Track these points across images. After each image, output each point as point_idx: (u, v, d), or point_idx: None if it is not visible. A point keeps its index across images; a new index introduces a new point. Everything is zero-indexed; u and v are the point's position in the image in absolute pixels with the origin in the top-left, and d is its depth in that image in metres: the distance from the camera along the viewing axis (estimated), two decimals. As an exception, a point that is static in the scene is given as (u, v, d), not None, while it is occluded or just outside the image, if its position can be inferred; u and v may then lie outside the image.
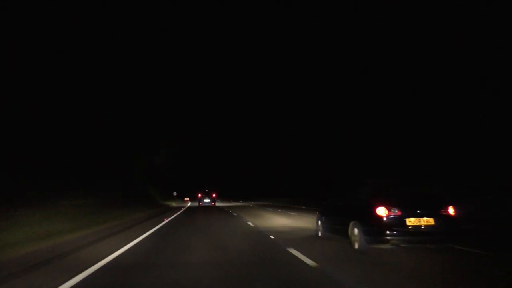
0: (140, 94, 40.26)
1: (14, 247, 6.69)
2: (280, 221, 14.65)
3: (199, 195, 40.99)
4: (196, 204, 42.55)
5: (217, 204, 41.50)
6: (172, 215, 19.90)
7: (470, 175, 26.47)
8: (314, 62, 56.55)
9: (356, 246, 6.52)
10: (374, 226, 6.13)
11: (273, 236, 8.99)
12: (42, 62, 28.84)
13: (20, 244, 6.99)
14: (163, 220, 15.31)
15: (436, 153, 32.09)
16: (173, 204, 42.34)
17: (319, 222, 8.61)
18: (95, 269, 5.14)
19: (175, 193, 43.73)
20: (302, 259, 5.78)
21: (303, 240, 8.36)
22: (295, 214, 18.95)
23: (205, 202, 39.56)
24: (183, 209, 28.42)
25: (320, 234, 8.55)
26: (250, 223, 12.99)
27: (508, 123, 27.23)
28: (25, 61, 26.86)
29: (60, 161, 26.77)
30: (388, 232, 6.02)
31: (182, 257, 6.23)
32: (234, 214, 19.33)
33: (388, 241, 6.00)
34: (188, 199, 66.03)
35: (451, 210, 6.19)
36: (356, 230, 6.55)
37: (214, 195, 41.81)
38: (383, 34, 38.24)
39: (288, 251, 6.67)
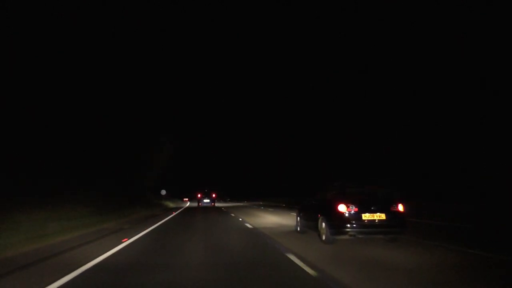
0: (140, 94, 41.66)
1: (13, 247, 7.42)
2: (272, 219, 16.33)
3: (199, 195, 41.77)
4: (195, 204, 43.58)
5: (216, 204, 42.57)
6: (168, 215, 21.43)
7: (471, 174, 27.83)
8: (314, 62, 58.10)
9: (323, 238, 8.08)
10: (337, 221, 7.68)
11: (263, 231, 10.78)
12: (41, 62, 30.10)
13: (19, 244, 7.70)
14: (161, 220, 16.92)
15: (436, 153, 33.48)
16: (171, 204, 43.04)
17: (298, 218, 10.23)
18: (86, 268, 5.59)
19: (163, 192, 42.59)
20: (278, 247, 7.37)
21: (285, 233, 10.06)
22: (291, 213, 20.46)
23: (205, 203, 40.37)
24: (180, 210, 29.88)
25: (298, 229, 10.16)
26: (245, 222, 14.64)
27: (508, 123, 28.59)
28: (25, 61, 28.19)
29: (60, 161, 27.95)
30: (348, 225, 7.57)
31: (178, 250, 7.40)
32: (232, 214, 20.85)
33: (347, 233, 7.55)
34: (187, 199, 67.60)
35: (400, 207, 7.74)
36: (323, 224, 8.11)
37: (214, 195, 42.55)
38: (383, 34, 39.56)
39: (269, 242, 8.46)
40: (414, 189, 29.94)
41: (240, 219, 16.37)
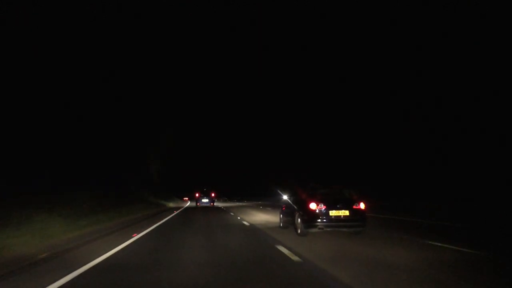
0: (139, 90, 43.30)
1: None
2: (264, 217, 18.62)
3: (197, 195, 41.18)
4: (195, 204, 43.49)
5: (216, 204, 42.81)
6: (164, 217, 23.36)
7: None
8: (316, 63, 61.13)
9: (298, 231, 10.02)
10: (309, 216, 9.60)
11: (256, 227, 13.13)
12: (42, 64, 30.83)
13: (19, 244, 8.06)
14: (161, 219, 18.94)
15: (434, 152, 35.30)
16: (171, 204, 43.10)
17: (281, 216, 12.23)
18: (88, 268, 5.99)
19: None
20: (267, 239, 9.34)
21: (272, 228, 12.24)
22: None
23: (204, 202, 40.06)
24: (178, 211, 31.70)
25: (281, 225, 12.15)
26: (242, 220, 17.00)
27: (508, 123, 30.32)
28: (25, 62, 29.11)
29: (51, 161, 27.49)
30: (318, 220, 9.49)
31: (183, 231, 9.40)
32: (231, 213, 22.94)
33: (317, 226, 9.47)
34: (187, 198, 68.94)
35: (362, 205, 9.65)
36: (299, 220, 10.03)
37: (213, 195, 42.27)
38: (378, 35, 41.58)
39: (258, 232, 10.51)
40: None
41: (239, 218, 18.52)
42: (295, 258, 6.86)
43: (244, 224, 14.43)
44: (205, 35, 72.39)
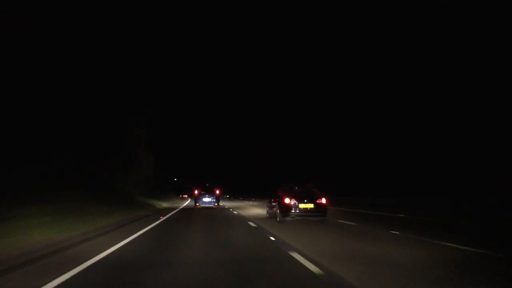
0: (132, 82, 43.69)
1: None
2: (257, 211, 22.72)
3: (196, 192, 34.41)
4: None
5: (221, 203, 36.46)
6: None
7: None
8: (315, 62, 65.89)
9: (278, 219, 14.23)
10: (284, 208, 13.78)
11: (247, 217, 16.96)
12: (39, 64, 29.34)
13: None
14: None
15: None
16: (163, 204, 37.89)
17: (267, 208, 16.44)
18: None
19: None
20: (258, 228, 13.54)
21: (261, 219, 16.27)
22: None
23: (205, 202, 33.31)
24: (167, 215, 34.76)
25: (268, 216, 16.38)
26: (240, 215, 21.03)
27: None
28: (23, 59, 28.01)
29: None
30: (292, 211, 13.66)
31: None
32: (234, 212, 27.19)
33: (290, 215, 13.64)
34: (186, 196, 65.61)
35: (323, 200, 13.80)
36: (278, 211, 14.23)
37: (217, 192, 35.00)
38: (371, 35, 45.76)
39: (248, 222, 14.59)
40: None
41: (234, 211, 22.72)
42: (272, 237, 11.06)
43: (241, 216, 18.62)
44: (204, 33, 76.47)
